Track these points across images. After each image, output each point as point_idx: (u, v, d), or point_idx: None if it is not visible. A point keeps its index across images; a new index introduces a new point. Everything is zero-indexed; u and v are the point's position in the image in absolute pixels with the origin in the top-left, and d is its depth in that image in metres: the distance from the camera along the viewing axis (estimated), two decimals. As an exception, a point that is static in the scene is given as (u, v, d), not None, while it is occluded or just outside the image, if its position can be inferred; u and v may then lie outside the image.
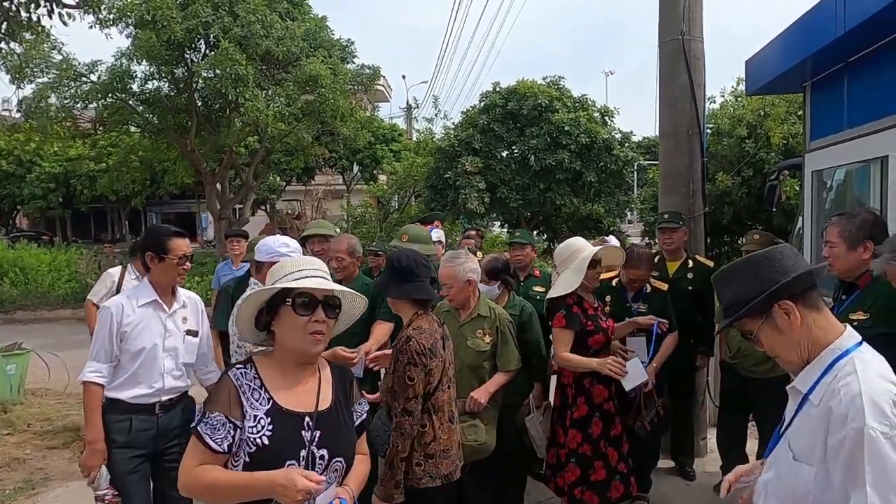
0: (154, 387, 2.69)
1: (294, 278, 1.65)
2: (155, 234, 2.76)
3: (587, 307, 3.28)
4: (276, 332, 1.68)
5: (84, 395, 2.66)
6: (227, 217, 14.56)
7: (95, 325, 4.99)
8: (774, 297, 1.38)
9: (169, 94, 13.27)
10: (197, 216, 32.81)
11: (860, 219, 2.44)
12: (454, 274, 2.96)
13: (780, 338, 1.41)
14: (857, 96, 3.53)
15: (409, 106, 29.06)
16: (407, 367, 2.35)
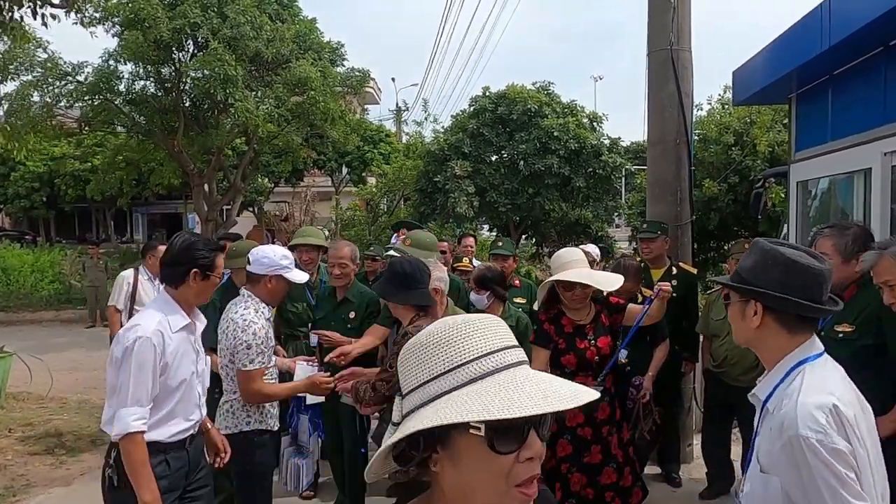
0: (191, 420, 2.38)
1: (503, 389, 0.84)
2: (202, 247, 2.36)
3: (565, 324, 3.06)
4: (441, 474, 0.89)
5: (128, 449, 2.14)
6: (215, 219, 14.45)
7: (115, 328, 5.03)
8: (757, 296, 1.45)
9: (156, 95, 13.16)
10: (183, 217, 32.52)
11: (853, 232, 2.46)
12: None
13: (742, 323, 1.51)
14: (842, 109, 3.59)
15: (399, 108, 29.07)
16: (394, 357, 2.45)
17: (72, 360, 8.67)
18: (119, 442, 2.15)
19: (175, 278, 2.31)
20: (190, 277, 2.30)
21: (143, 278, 5.28)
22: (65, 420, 6.00)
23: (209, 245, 2.39)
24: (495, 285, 3.54)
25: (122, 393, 2.15)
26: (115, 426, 2.14)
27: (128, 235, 33.30)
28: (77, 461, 5.01)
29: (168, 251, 2.36)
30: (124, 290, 5.17)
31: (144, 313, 2.32)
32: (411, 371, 0.88)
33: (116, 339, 2.26)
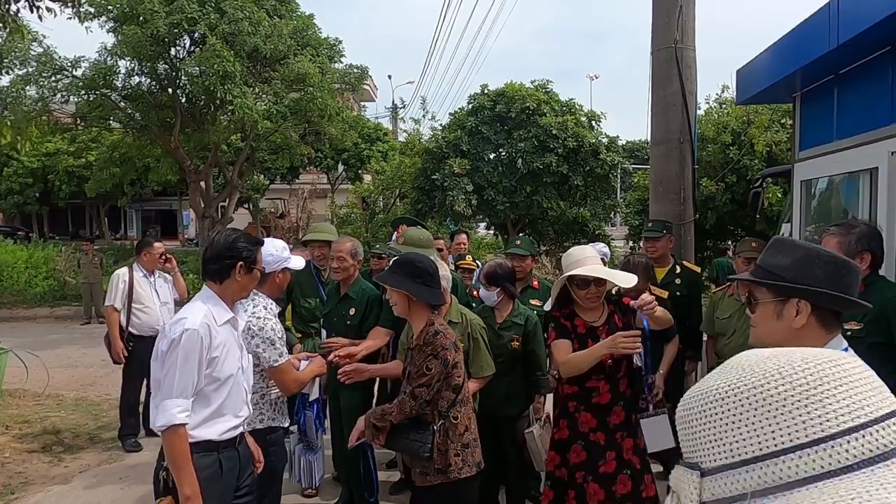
0: (240, 416, 2.36)
1: None
2: (246, 242, 2.36)
3: (578, 325, 2.93)
4: None
5: (171, 441, 2.12)
6: (211, 215, 14.39)
7: (114, 328, 4.99)
8: (804, 294, 1.39)
9: (152, 91, 13.08)
10: (178, 214, 32.42)
11: (859, 230, 2.47)
12: None
13: (776, 323, 1.43)
14: (847, 108, 3.58)
15: (395, 106, 29.01)
16: (428, 358, 2.42)
17: (67, 356, 8.61)
18: (162, 435, 2.13)
19: (220, 273, 2.31)
20: (235, 272, 2.31)
21: (139, 275, 5.25)
22: (62, 417, 5.95)
23: (251, 240, 2.40)
24: (506, 282, 3.50)
25: (167, 385, 2.13)
26: (158, 418, 2.12)
27: (122, 232, 33.13)
28: (75, 458, 4.97)
29: (211, 247, 2.35)
30: (121, 288, 5.13)
31: (190, 306, 2.29)
32: (728, 430, 0.58)
33: (162, 333, 2.26)
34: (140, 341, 5.17)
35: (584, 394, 2.87)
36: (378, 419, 2.52)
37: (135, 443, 5.16)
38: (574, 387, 2.89)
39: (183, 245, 27.73)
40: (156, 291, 5.33)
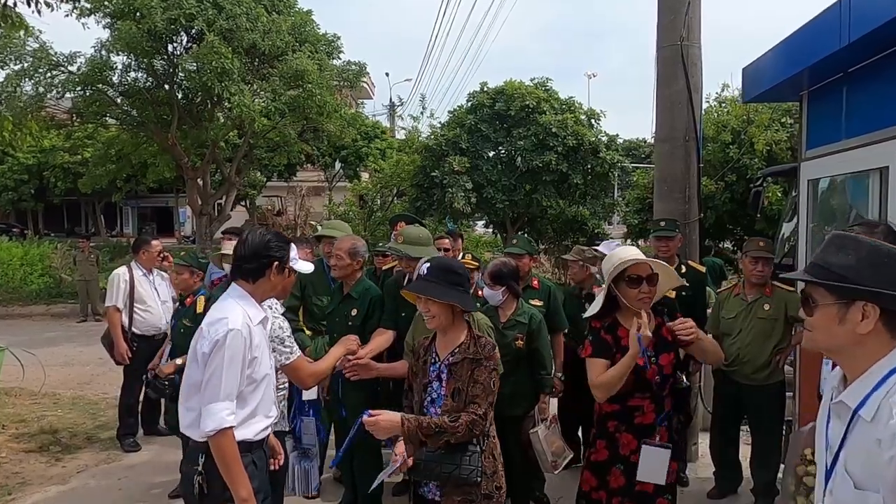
0: (270, 416, 2.34)
1: None
2: (278, 240, 2.32)
3: (622, 336, 2.57)
4: None
5: (222, 445, 2.08)
6: (208, 213, 14.31)
7: (117, 329, 4.93)
8: (874, 297, 1.28)
9: (149, 87, 12.97)
10: (174, 211, 32.28)
11: (882, 229, 2.43)
12: None
13: (837, 328, 1.33)
14: (857, 107, 3.55)
15: (393, 104, 28.95)
16: (492, 374, 2.29)
17: (64, 355, 8.53)
18: (210, 439, 2.08)
19: (253, 273, 2.26)
20: (270, 271, 2.27)
21: (138, 274, 5.19)
22: (59, 416, 5.90)
23: (283, 238, 2.35)
24: (511, 281, 3.45)
25: (212, 388, 2.09)
26: (207, 423, 2.06)
27: (118, 229, 32.96)
28: (73, 458, 4.91)
29: (244, 245, 2.27)
30: (122, 288, 5.06)
31: (225, 306, 2.21)
32: None
33: (200, 335, 2.18)
34: (143, 341, 5.12)
35: (626, 413, 2.61)
36: (431, 435, 2.19)
37: (133, 443, 5.11)
38: (615, 405, 2.61)
39: (179, 242, 27.56)
40: (156, 290, 5.28)
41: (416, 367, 2.47)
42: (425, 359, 2.43)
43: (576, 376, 4.28)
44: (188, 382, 2.21)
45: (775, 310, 3.77)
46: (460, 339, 2.34)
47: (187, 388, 2.22)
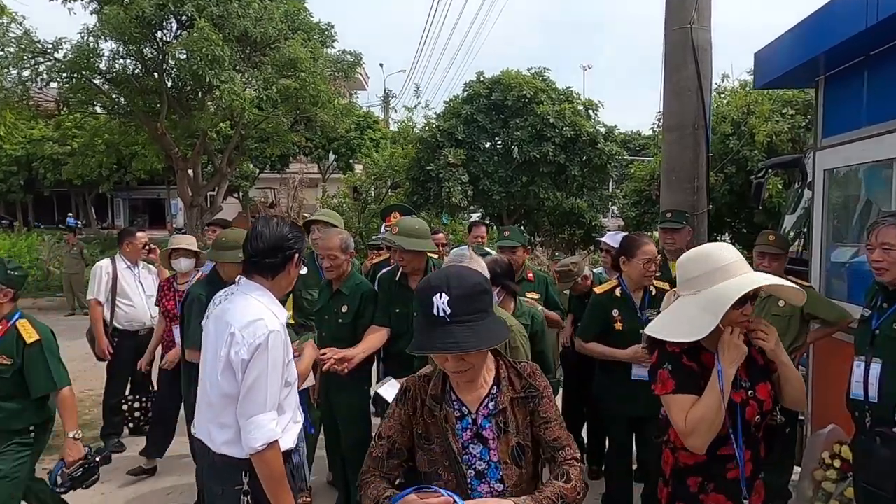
0: (298, 422, 2.19)
1: None
2: (299, 231, 2.17)
3: (706, 361, 1.89)
4: None
5: (271, 459, 1.90)
6: (200, 204, 14.04)
7: (98, 323, 4.74)
8: None
9: (137, 74, 12.66)
10: (166, 203, 31.93)
11: None
12: None
13: None
14: (880, 91, 3.36)
15: (387, 95, 28.65)
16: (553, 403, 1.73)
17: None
18: (258, 455, 1.89)
19: (275, 267, 2.07)
20: (291, 265, 2.10)
21: (122, 267, 4.97)
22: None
23: (298, 228, 2.17)
24: (505, 280, 3.17)
25: (256, 397, 1.90)
26: (255, 437, 1.88)
27: (109, 221, 32.57)
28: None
29: (260, 238, 2.05)
30: (104, 281, 4.85)
31: (250, 305, 1.99)
32: None
33: (234, 340, 1.93)
34: (126, 337, 4.92)
35: (716, 466, 1.90)
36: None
37: (118, 443, 4.90)
38: (699, 456, 1.88)
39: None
40: (140, 283, 5.06)
41: (423, 430, 1.69)
42: (443, 414, 1.66)
43: (581, 375, 4.11)
44: (217, 393, 1.96)
45: (790, 306, 3.58)
46: (491, 375, 1.69)
47: (218, 400, 1.97)
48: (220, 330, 1.99)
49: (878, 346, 2.35)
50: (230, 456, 1.97)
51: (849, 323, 3.43)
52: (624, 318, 3.29)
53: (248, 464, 1.94)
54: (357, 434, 3.25)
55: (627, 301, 3.32)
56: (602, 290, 3.39)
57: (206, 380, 2.04)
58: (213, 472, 2.04)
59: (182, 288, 4.29)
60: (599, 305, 3.37)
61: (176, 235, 3.93)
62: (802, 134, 11.23)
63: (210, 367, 2.01)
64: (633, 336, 3.16)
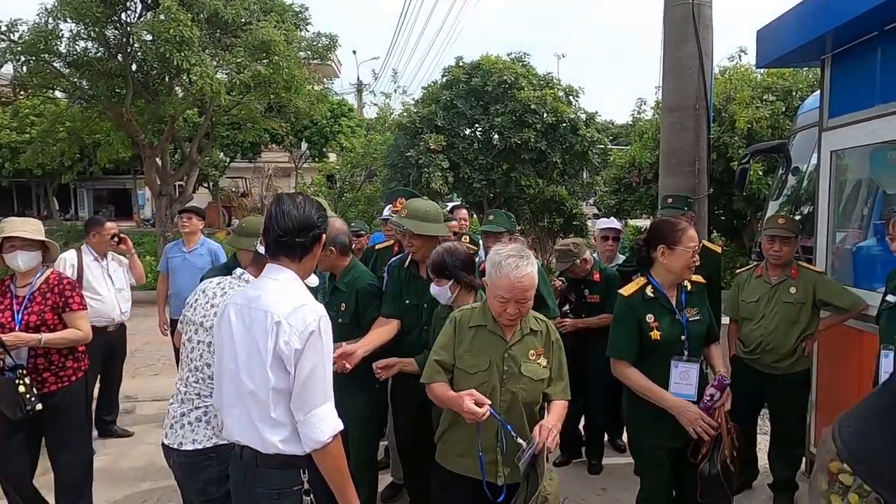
0: None
1: None
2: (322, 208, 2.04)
3: None
4: None
5: (335, 454, 1.83)
6: (169, 193, 13.49)
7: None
8: None
9: (100, 57, 12.02)
10: (133, 193, 30.92)
11: None
12: (534, 281, 2.22)
13: None
14: (895, 68, 3.23)
15: (360, 82, 28.11)
16: None
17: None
18: (324, 448, 1.79)
19: (303, 248, 1.92)
20: (318, 246, 1.97)
21: (89, 259, 4.63)
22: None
23: (320, 205, 2.01)
24: (460, 272, 2.76)
25: (315, 387, 1.78)
26: (322, 430, 1.78)
27: (72, 212, 31.44)
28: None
29: (286, 217, 1.88)
30: (68, 273, 4.50)
31: (291, 289, 1.87)
32: None
33: (281, 329, 1.78)
34: (94, 333, 4.57)
35: None
36: None
37: (87, 447, 4.58)
38: None
39: (139, 226, 26.45)
40: (109, 277, 4.72)
41: None
42: None
43: (577, 365, 3.94)
44: (266, 389, 1.79)
45: (802, 293, 3.47)
46: None
47: (267, 397, 1.80)
48: (255, 319, 1.83)
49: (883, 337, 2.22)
50: (287, 455, 1.82)
51: (862, 310, 3.32)
52: (661, 323, 2.62)
53: (306, 461, 1.82)
54: (357, 435, 2.99)
55: (663, 301, 2.67)
56: (630, 291, 2.68)
57: (239, 376, 1.84)
58: (260, 476, 1.85)
59: (23, 293, 3.04)
60: (630, 310, 2.64)
61: (8, 219, 2.84)
62: (782, 120, 11.26)
63: (245, 361, 1.83)
64: (674, 346, 2.61)
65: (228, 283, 2.22)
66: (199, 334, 2.18)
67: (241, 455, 1.89)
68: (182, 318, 2.31)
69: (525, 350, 2.29)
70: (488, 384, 2.24)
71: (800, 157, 6.54)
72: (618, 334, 2.67)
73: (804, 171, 6.63)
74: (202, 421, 2.14)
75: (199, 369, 2.16)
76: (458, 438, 2.29)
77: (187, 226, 5.11)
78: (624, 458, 4.44)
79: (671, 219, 2.83)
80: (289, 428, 1.81)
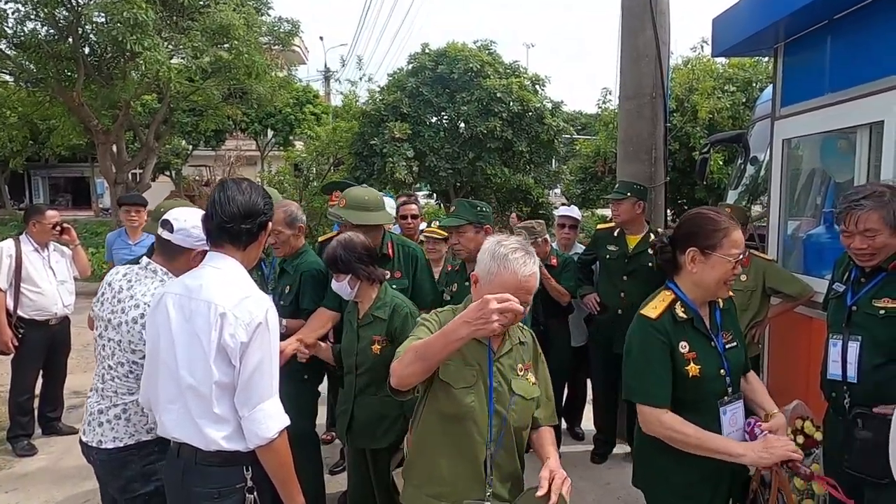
0: None
1: None
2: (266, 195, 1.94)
3: None
4: None
5: (280, 449, 1.76)
6: (125, 182, 13.05)
7: (2, 314, 4.12)
8: None
9: (49, 39, 11.50)
10: (91, 181, 29.95)
11: (890, 196, 2.10)
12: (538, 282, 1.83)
13: None
14: (845, 57, 3.26)
15: (328, 69, 27.67)
16: None
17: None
18: (269, 444, 1.73)
19: (249, 235, 1.84)
20: (264, 234, 1.89)
21: (28, 249, 4.41)
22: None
23: (265, 192, 1.92)
24: (356, 264, 2.58)
25: (261, 382, 1.72)
26: (268, 425, 1.72)
27: (26, 201, 30.29)
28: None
29: (231, 203, 1.79)
30: (6, 264, 4.28)
31: (233, 279, 1.78)
32: None
33: (226, 322, 1.70)
34: (33, 327, 4.38)
35: None
36: None
37: (28, 445, 4.39)
38: None
39: (98, 215, 25.65)
40: (51, 268, 4.51)
41: None
42: None
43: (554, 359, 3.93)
44: (209, 384, 1.71)
45: (752, 280, 3.50)
46: None
47: (210, 392, 1.72)
48: (197, 311, 1.73)
49: (855, 323, 2.22)
50: (230, 451, 1.75)
51: (811, 297, 3.36)
52: (699, 353, 1.93)
53: (249, 458, 1.76)
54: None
55: (697, 324, 1.97)
56: (658, 310, 1.95)
57: (178, 371, 1.75)
58: (199, 475, 1.76)
59: None
60: (659, 337, 1.92)
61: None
62: (742, 111, 11.46)
63: (185, 355, 1.74)
64: (714, 384, 1.95)
65: (135, 275, 2.09)
66: (108, 332, 2.05)
67: (178, 453, 1.81)
68: (91, 311, 2.19)
69: (514, 364, 1.87)
70: (475, 403, 1.78)
71: (758, 146, 6.65)
72: (645, 371, 1.93)
73: (762, 161, 6.75)
74: (121, 419, 2.03)
75: (112, 368, 2.05)
76: (432, 474, 1.82)
77: (136, 220, 4.89)
78: (582, 447, 4.46)
79: (711, 212, 1.99)
80: (232, 424, 1.74)
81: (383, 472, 2.67)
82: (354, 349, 2.64)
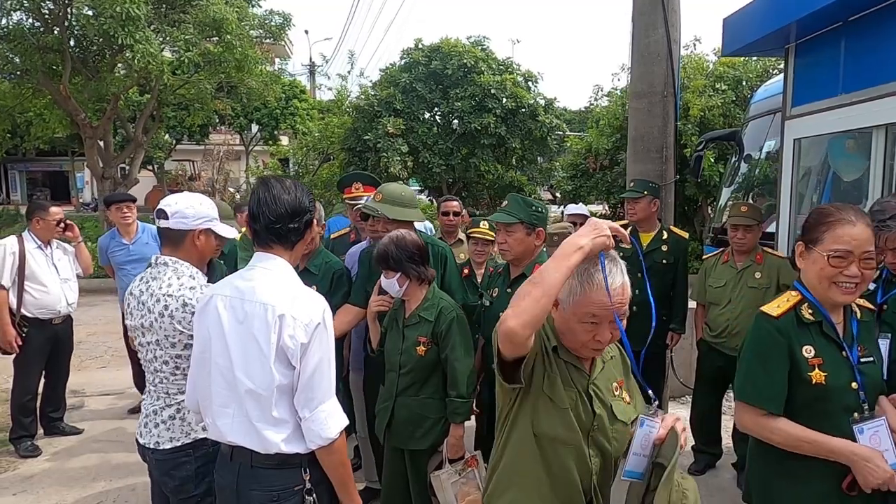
0: None
1: None
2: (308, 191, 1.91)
3: None
4: None
5: (341, 448, 1.75)
6: (113, 176, 12.80)
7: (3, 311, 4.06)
8: None
9: (34, 31, 11.23)
10: (70, 175, 29.37)
11: None
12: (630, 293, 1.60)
13: None
14: (860, 58, 3.31)
15: (313, 64, 27.41)
16: None
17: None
18: (329, 445, 1.72)
19: (297, 234, 1.81)
20: (310, 231, 1.86)
21: (31, 246, 4.32)
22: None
23: (305, 188, 1.88)
24: (407, 263, 2.55)
25: (321, 383, 1.71)
26: (329, 426, 1.71)
27: (3, 196, 29.62)
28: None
29: (277, 202, 1.76)
30: (9, 262, 4.18)
31: (286, 280, 1.77)
32: None
33: (284, 323, 1.68)
34: (37, 326, 4.30)
35: None
36: None
37: (32, 446, 4.31)
38: None
39: (78, 210, 25.14)
40: (54, 265, 4.42)
41: None
42: None
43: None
44: (268, 387, 1.69)
45: (767, 278, 3.55)
46: None
47: (270, 395, 1.69)
48: (252, 313, 1.70)
49: (886, 320, 2.28)
50: (289, 454, 1.72)
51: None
52: (826, 360, 1.75)
53: (307, 459, 1.75)
54: None
55: (827, 329, 1.79)
56: (781, 309, 1.79)
57: (234, 374, 1.71)
58: (256, 478, 1.74)
59: None
60: (778, 338, 1.76)
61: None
62: (732, 109, 11.60)
63: (240, 358, 1.71)
64: (843, 398, 1.75)
65: (150, 275, 2.06)
66: (145, 337, 2.03)
67: (232, 456, 1.77)
68: (126, 324, 2.17)
69: (608, 384, 1.63)
70: (574, 437, 1.54)
71: (752, 145, 6.75)
72: (757, 371, 1.78)
73: (756, 159, 6.84)
74: (175, 418, 2.01)
75: (158, 370, 2.03)
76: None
77: (130, 216, 4.81)
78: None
79: (830, 206, 1.83)
80: (291, 426, 1.72)
81: (420, 474, 2.64)
82: (399, 348, 2.61)
